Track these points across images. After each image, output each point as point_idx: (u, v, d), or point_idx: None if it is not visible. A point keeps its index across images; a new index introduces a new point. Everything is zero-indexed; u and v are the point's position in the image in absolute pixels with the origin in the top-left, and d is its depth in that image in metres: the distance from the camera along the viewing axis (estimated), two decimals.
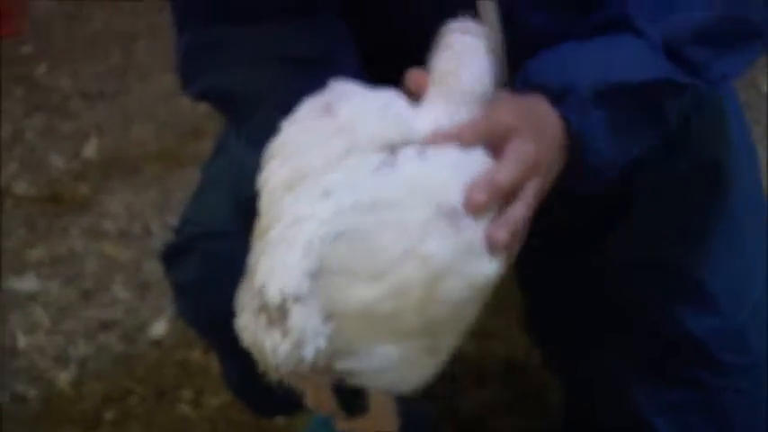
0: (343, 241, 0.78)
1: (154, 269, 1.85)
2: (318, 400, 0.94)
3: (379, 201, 0.79)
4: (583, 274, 1.09)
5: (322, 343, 0.78)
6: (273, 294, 0.78)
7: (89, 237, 2.03)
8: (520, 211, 0.85)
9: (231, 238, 0.86)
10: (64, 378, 1.67)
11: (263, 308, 0.78)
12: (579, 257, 1.09)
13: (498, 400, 1.53)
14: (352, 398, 0.92)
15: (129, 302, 1.84)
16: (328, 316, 0.78)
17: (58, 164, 2.30)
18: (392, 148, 0.82)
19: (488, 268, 0.82)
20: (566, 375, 1.24)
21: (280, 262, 0.79)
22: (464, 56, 0.88)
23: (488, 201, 0.82)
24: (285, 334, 0.77)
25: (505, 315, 1.61)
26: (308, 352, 0.77)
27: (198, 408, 1.59)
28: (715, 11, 0.94)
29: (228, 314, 0.82)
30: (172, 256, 1.14)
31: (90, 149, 2.35)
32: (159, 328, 1.76)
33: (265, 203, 0.84)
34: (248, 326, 0.80)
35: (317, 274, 0.78)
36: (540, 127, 0.88)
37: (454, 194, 0.81)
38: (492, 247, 0.81)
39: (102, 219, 2.08)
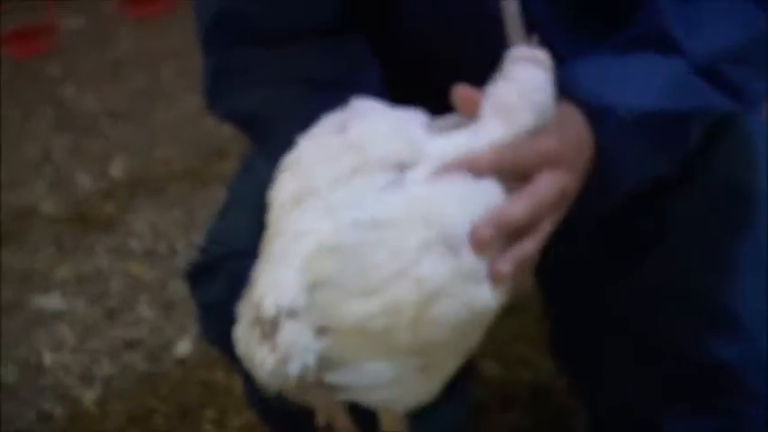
0: (337, 256, 0.79)
1: (178, 288, 1.85)
2: (330, 417, 0.93)
3: (379, 219, 0.79)
4: (609, 301, 1.08)
5: (311, 359, 0.78)
6: (269, 307, 0.78)
7: (114, 256, 2.04)
8: (530, 245, 0.83)
9: (256, 257, 0.86)
10: (89, 397, 1.67)
11: (258, 320, 0.79)
12: (606, 285, 1.08)
13: (523, 425, 1.52)
14: (367, 415, 0.92)
15: (153, 321, 1.84)
16: (322, 330, 0.78)
17: (84, 183, 2.32)
18: (401, 169, 0.82)
19: (489, 297, 0.81)
20: (591, 401, 1.23)
21: (278, 276, 0.79)
22: (529, 92, 0.86)
23: (494, 237, 0.80)
24: (273, 349, 0.78)
25: (531, 340, 1.60)
26: (294, 368, 0.77)
27: (221, 428, 1.59)
28: (747, 30, 0.94)
29: None
30: (197, 276, 1.15)
31: (116, 169, 2.37)
32: (183, 347, 1.76)
33: (273, 217, 0.84)
34: (243, 337, 0.81)
35: (313, 289, 0.78)
36: (579, 154, 0.87)
37: (456, 220, 0.80)
38: (495, 278, 0.81)
39: (128, 238, 2.10)
